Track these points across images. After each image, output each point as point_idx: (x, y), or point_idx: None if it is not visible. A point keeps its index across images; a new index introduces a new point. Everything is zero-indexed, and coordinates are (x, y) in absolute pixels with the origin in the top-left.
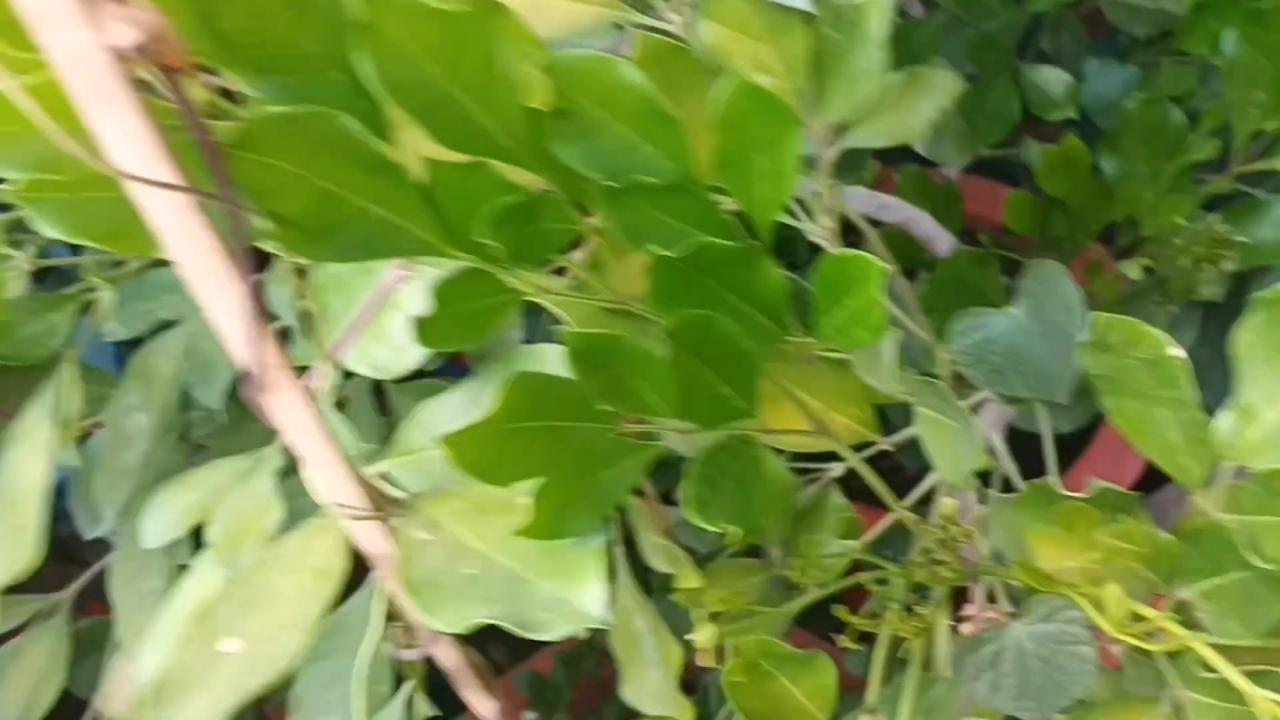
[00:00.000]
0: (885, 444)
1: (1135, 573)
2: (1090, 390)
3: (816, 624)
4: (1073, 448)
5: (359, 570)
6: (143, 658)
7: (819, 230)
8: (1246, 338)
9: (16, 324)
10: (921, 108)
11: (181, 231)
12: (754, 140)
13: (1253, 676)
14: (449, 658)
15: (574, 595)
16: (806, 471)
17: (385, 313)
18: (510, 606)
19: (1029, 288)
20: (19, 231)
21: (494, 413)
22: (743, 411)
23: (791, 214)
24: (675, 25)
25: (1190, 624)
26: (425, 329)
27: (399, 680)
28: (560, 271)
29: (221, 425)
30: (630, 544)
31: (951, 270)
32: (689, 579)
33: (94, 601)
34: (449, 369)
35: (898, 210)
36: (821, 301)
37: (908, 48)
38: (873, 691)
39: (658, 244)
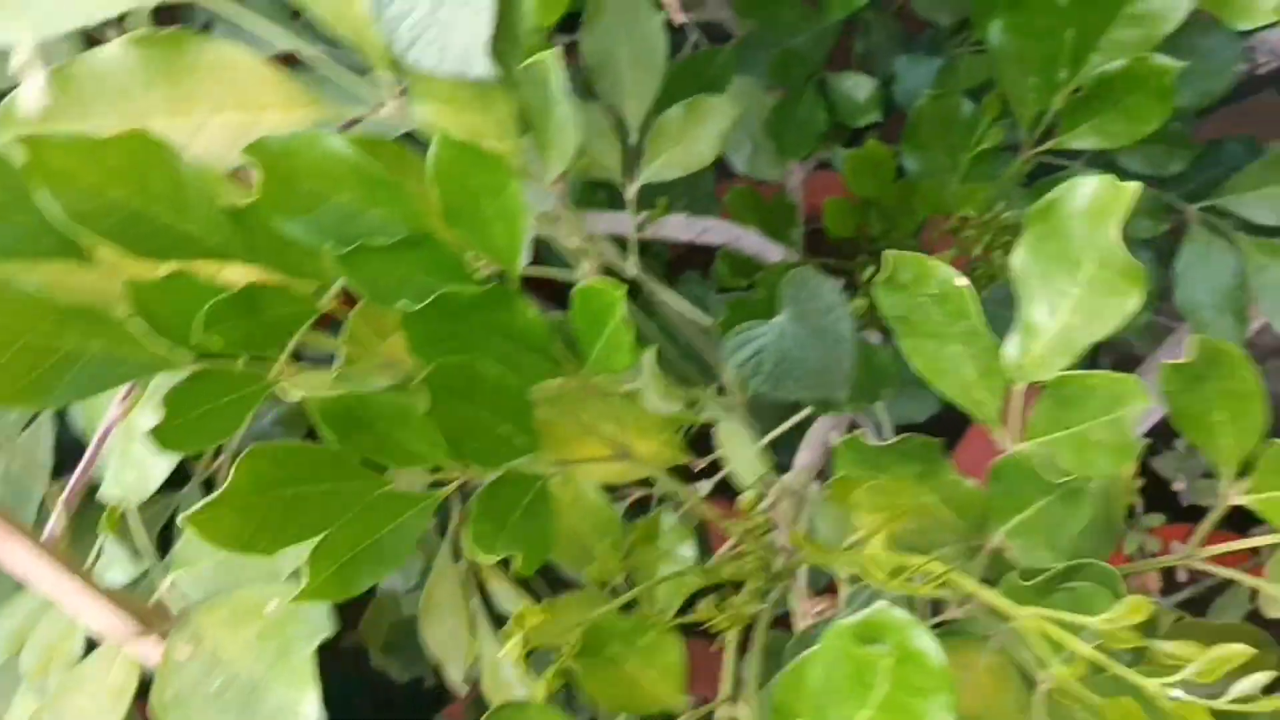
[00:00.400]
0: (695, 463)
1: (950, 524)
2: None
3: None
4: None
5: None
6: None
7: (583, 272)
8: (1023, 255)
9: None
10: (706, 133)
11: None
12: (475, 190)
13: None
14: None
15: (297, 702)
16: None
17: (127, 440)
18: (243, 717)
19: (790, 296)
20: None
21: (229, 488)
22: (525, 447)
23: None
24: (391, 110)
25: (1005, 565)
26: (162, 436)
27: None
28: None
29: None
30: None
31: (763, 285)
32: (530, 615)
33: None
34: None
35: (721, 231)
36: (582, 334)
37: (705, 76)
38: (726, 681)
39: (406, 300)
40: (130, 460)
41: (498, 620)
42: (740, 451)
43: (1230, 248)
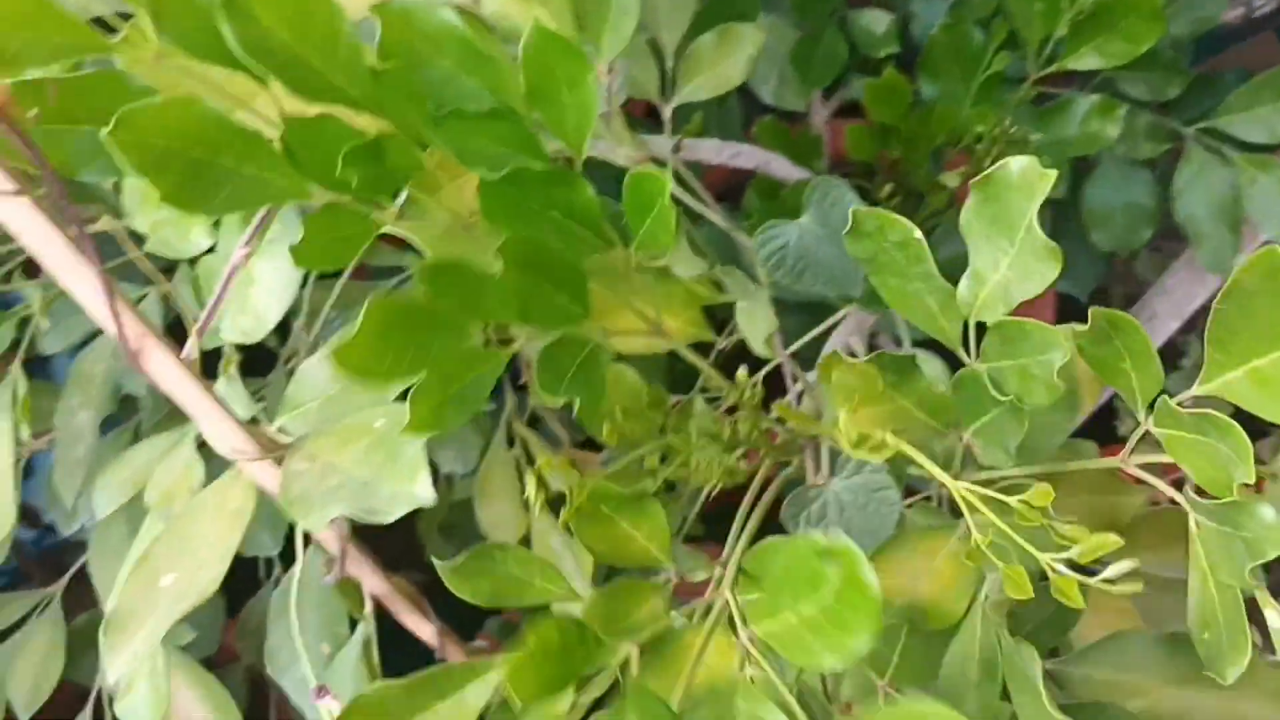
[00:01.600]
0: (719, 342)
1: (923, 423)
2: None
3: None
4: None
5: None
6: (109, 603)
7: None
8: (968, 217)
9: None
10: (735, 59)
11: (34, 231)
12: (557, 77)
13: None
14: (375, 584)
15: (410, 487)
16: None
17: (244, 287)
18: (362, 503)
19: (814, 200)
20: None
21: (361, 328)
22: (578, 315)
23: None
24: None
25: (972, 459)
26: (298, 253)
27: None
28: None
29: (161, 420)
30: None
31: (787, 199)
32: (548, 464)
33: (88, 596)
34: None
35: (751, 156)
36: (632, 216)
37: (734, 11)
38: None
39: (485, 167)
40: (248, 306)
41: (549, 503)
42: (753, 323)
43: (1225, 164)
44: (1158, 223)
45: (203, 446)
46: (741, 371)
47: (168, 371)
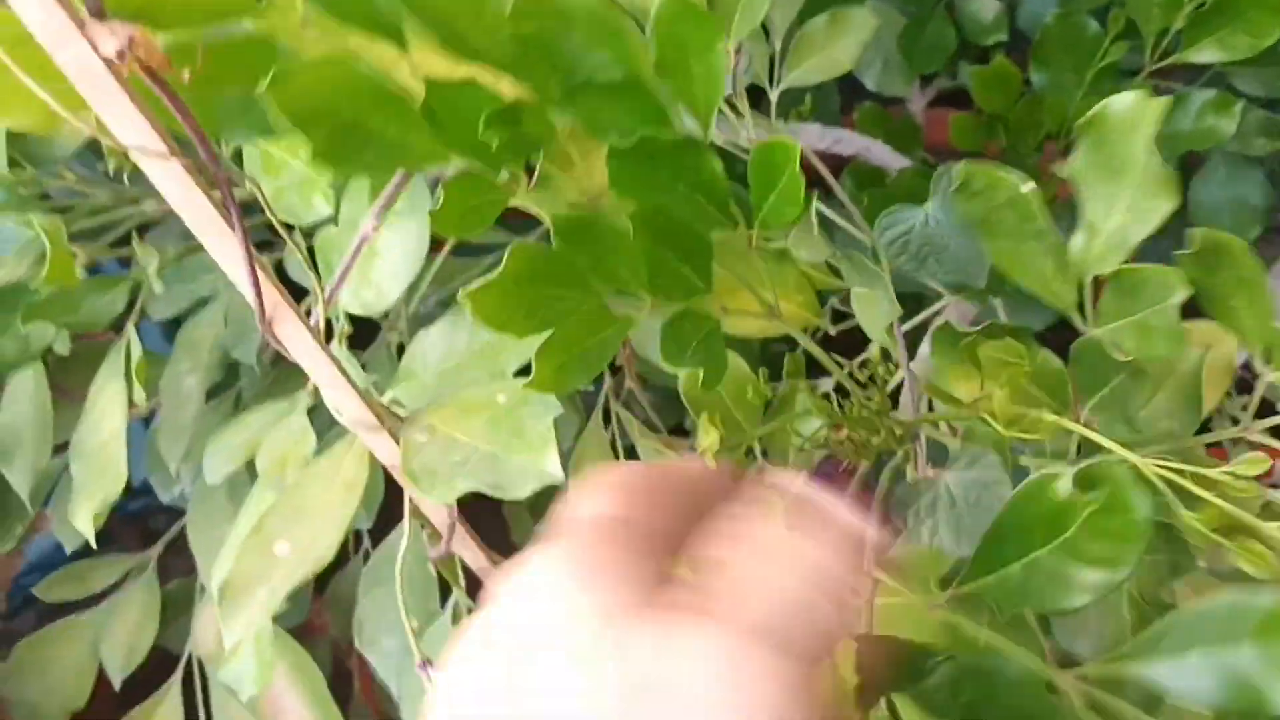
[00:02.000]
0: (828, 327)
1: (1038, 400)
2: None
3: None
4: None
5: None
6: (217, 573)
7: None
8: (1079, 164)
9: (82, 300)
10: (846, 43)
11: (183, 194)
12: (687, 47)
13: None
14: (476, 560)
15: (539, 463)
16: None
17: (368, 259)
18: (490, 478)
19: (939, 185)
20: (78, 239)
21: (501, 273)
22: (701, 289)
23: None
24: None
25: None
26: (437, 219)
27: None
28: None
29: (264, 388)
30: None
31: (896, 186)
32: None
33: (178, 563)
34: None
35: (851, 142)
36: (757, 189)
37: None
38: None
39: (614, 137)
40: (369, 280)
41: None
42: (871, 310)
43: None
44: (1266, 221)
45: (311, 415)
46: (875, 349)
47: (298, 339)
